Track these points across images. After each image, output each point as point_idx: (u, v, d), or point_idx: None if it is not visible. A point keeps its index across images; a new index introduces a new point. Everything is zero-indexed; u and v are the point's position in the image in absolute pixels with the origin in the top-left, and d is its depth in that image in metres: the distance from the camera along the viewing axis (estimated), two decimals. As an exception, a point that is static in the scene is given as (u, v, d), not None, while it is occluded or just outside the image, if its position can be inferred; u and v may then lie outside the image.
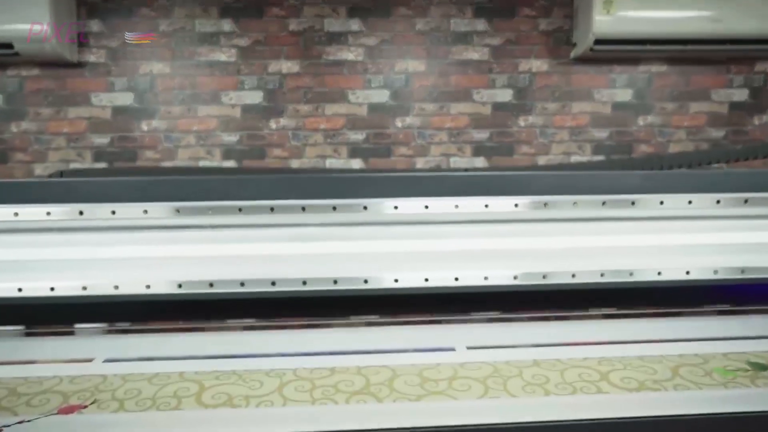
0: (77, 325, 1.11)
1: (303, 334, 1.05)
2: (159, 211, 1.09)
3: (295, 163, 2.81)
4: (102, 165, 2.72)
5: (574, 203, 1.16)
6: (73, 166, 2.69)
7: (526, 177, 1.18)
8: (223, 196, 1.11)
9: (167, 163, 2.73)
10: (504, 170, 2.61)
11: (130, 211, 1.09)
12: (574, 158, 2.88)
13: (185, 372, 0.82)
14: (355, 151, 2.84)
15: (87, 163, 2.70)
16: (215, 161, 2.77)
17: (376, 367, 0.83)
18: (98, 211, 1.09)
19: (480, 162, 2.87)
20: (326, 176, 1.10)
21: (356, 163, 2.83)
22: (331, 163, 2.82)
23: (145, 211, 1.09)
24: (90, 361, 0.89)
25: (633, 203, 1.17)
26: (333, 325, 1.12)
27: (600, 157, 2.88)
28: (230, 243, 1.11)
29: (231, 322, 1.08)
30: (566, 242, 1.16)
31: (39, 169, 2.69)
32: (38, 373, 0.83)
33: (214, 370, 0.83)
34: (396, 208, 1.13)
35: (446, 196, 1.16)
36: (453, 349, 0.91)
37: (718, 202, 1.18)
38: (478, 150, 2.88)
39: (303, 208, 1.12)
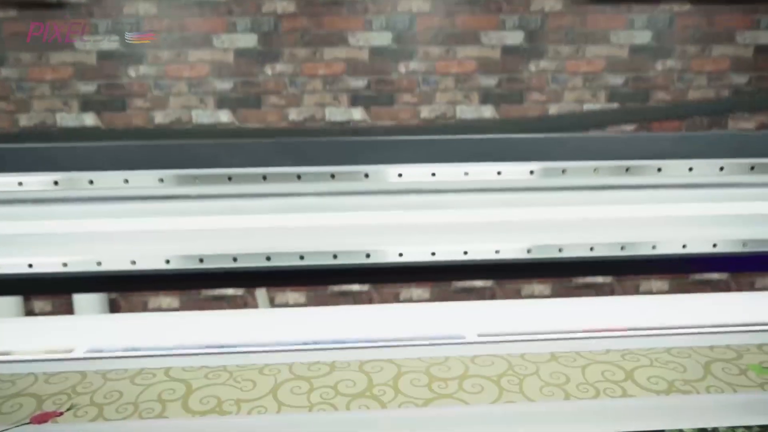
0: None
1: (301, 314, 0.98)
2: (141, 180, 1.00)
3: (292, 113, 2.67)
4: (90, 115, 2.59)
5: (595, 170, 1.06)
6: (59, 115, 2.56)
7: (543, 141, 1.07)
8: (210, 164, 1.01)
9: (158, 113, 2.60)
10: (516, 129, 2.48)
11: (109, 181, 1.00)
12: (587, 107, 2.74)
13: (172, 368, 0.76)
14: (356, 99, 2.69)
15: (74, 113, 2.57)
16: (209, 110, 2.63)
17: (379, 362, 0.76)
18: (75, 181, 0.99)
19: (488, 110, 2.73)
20: (323, 141, 1.00)
21: (357, 112, 2.69)
22: (330, 111, 2.68)
23: (126, 181, 1.00)
24: (70, 352, 0.82)
25: (659, 170, 1.07)
26: (333, 304, 1.05)
27: (614, 105, 2.73)
28: (220, 215, 1.03)
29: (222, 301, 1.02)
30: (585, 212, 1.07)
31: (24, 120, 2.56)
32: (13, 369, 0.76)
33: (203, 365, 0.77)
34: (400, 175, 1.04)
35: (455, 162, 1.06)
36: (463, 338, 0.84)
37: (752, 168, 1.08)
38: (486, 97, 2.73)
39: (298, 176, 1.02)
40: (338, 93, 2.68)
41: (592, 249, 1.09)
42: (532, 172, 1.05)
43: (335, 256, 1.05)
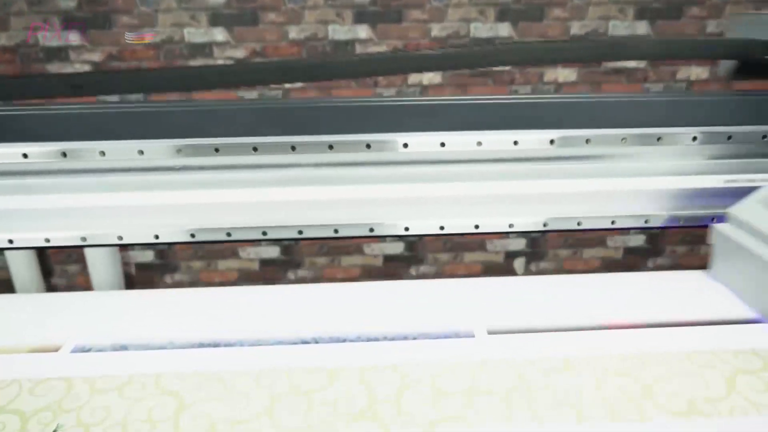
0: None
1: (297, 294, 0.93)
2: (119, 152, 0.91)
3: (293, 30, 2.46)
4: (74, 34, 2.39)
5: (623, 139, 0.95)
6: (40, 34, 2.37)
7: (565, 105, 0.95)
8: (195, 133, 0.91)
9: (147, 30, 2.40)
10: (536, 96, 2.27)
11: (84, 153, 0.91)
12: (613, 24, 2.50)
13: (162, 374, 0.71)
14: (361, 16, 2.46)
15: (56, 31, 2.37)
16: (202, 28, 2.42)
17: (380, 369, 0.72)
18: (46, 154, 0.90)
19: (505, 28, 2.49)
20: (319, 104, 0.89)
21: (363, 30, 2.47)
22: (334, 29, 2.46)
23: (103, 153, 0.90)
24: (56, 350, 0.78)
25: (694, 138, 0.96)
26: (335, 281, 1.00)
27: (643, 23, 2.49)
28: (209, 188, 0.94)
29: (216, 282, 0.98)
30: (608, 185, 0.98)
31: (3, 39, 2.38)
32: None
33: (195, 371, 0.72)
34: (405, 146, 0.93)
35: (467, 130, 0.95)
36: (472, 336, 0.79)
37: (799, 136, 0.96)
38: (503, 14, 2.48)
39: (293, 147, 0.92)
40: (341, 9, 2.44)
41: (613, 222, 1.01)
42: (552, 142, 0.95)
43: (336, 231, 0.98)
